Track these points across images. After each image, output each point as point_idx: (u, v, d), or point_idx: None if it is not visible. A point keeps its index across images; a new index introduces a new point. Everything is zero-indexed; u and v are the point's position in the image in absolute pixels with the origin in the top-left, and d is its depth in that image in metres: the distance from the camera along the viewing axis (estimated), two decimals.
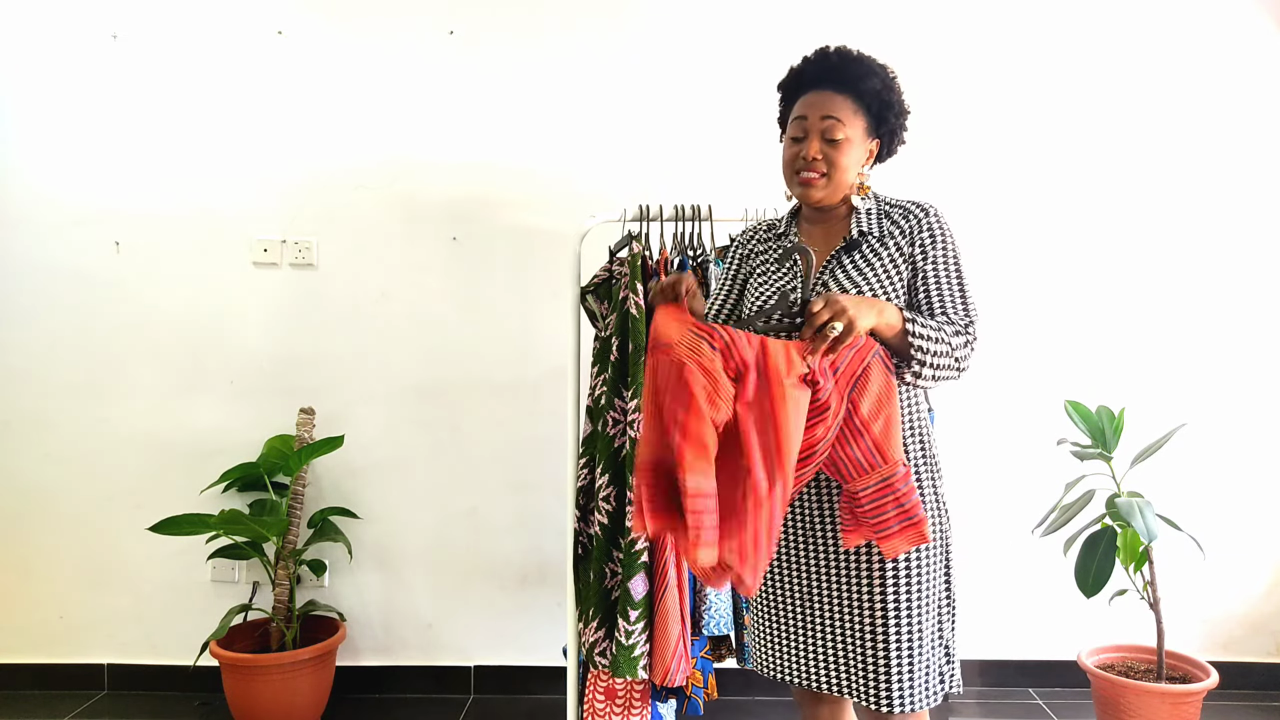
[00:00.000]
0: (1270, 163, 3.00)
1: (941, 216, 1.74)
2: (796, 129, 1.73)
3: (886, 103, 1.74)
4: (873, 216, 1.75)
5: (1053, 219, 3.01)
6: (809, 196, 1.74)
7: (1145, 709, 2.49)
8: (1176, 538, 2.68)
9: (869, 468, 1.55)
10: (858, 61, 1.73)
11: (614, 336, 2.21)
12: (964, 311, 1.69)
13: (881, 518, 1.54)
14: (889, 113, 1.75)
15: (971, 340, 1.67)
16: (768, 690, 2.99)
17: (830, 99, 1.71)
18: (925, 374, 1.63)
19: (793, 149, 1.74)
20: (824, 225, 1.80)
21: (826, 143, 1.70)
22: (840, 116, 1.69)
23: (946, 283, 1.70)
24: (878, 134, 1.77)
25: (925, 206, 1.75)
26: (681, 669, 2.13)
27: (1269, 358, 3.02)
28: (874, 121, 1.75)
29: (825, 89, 1.72)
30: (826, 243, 1.78)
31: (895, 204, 1.77)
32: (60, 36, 2.96)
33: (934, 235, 1.71)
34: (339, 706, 2.92)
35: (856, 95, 1.72)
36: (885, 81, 1.73)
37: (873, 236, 1.73)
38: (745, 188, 2.84)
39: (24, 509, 3.02)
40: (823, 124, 1.69)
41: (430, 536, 3.04)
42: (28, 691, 3.02)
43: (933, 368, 1.62)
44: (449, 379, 3.02)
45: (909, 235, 1.72)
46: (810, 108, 1.72)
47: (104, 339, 3.00)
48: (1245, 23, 2.98)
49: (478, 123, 2.99)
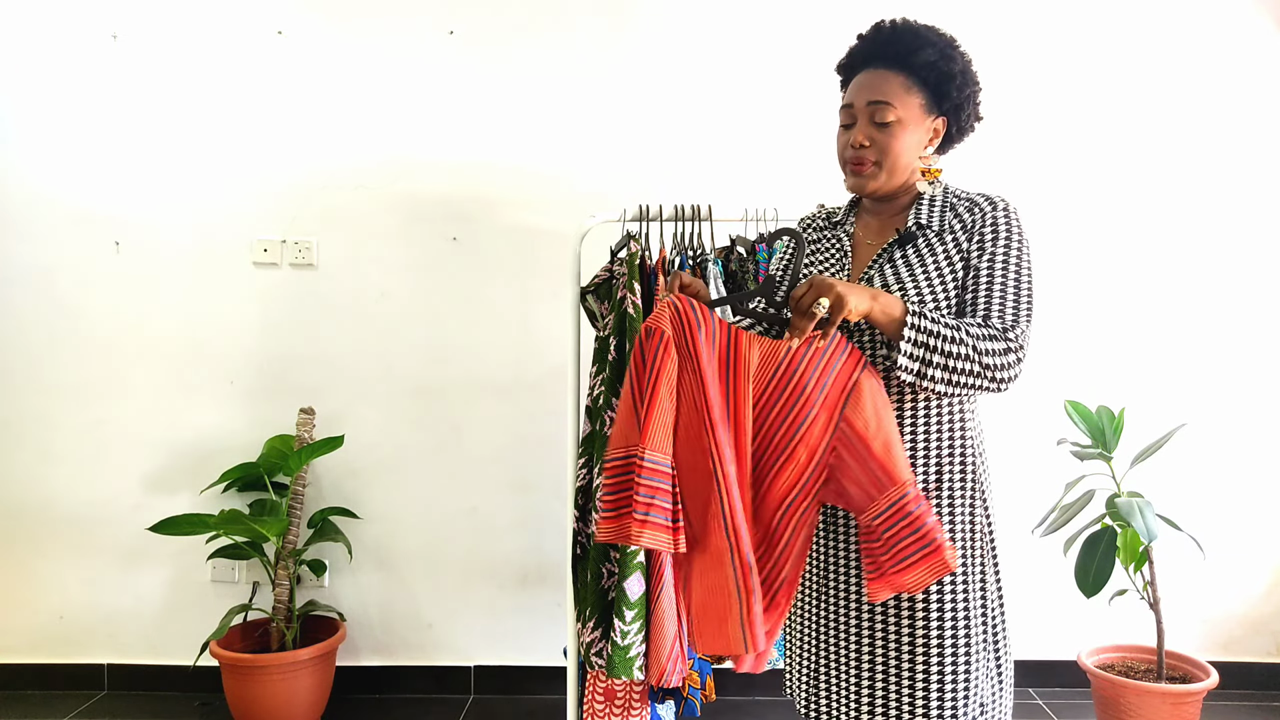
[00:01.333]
0: (1270, 163, 3.00)
1: (1013, 212, 1.56)
2: (845, 115, 1.59)
3: (946, 74, 1.56)
4: (935, 207, 1.59)
5: (1052, 219, 3.01)
6: (862, 187, 1.59)
7: (1145, 709, 2.49)
8: (1176, 538, 2.68)
9: (876, 491, 1.43)
10: (911, 33, 1.57)
11: (612, 336, 2.21)
12: (1011, 316, 1.50)
13: (898, 546, 1.40)
14: (949, 85, 1.57)
15: (1014, 349, 1.47)
16: (768, 691, 2.99)
17: (880, 78, 1.55)
18: (934, 375, 1.44)
19: (842, 137, 1.60)
20: (882, 216, 1.66)
21: (876, 127, 1.55)
22: (888, 98, 1.54)
23: (1000, 282, 1.52)
24: (940, 110, 1.60)
25: (995, 200, 1.58)
26: (677, 670, 2.12)
27: (1269, 358, 3.02)
28: (933, 97, 1.58)
29: (876, 67, 1.57)
30: (881, 235, 1.64)
31: (963, 196, 1.60)
32: (60, 36, 2.96)
33: (996, 230, 1.54)
34: (339, 707, 2.92)
35: (910, 70, 1.55)
36: (943, 51, 1.56)
37: (931, 230, 1.57)
38: (745, 188, 2.85)
39: (24, 509, 3.02)
40: (870, 108, 1.54)
41: (430, 536, 3.04)
42: (28, 691, 3.02)
43: (945, 370, 1.44)
44: (449, 379, 3.02)
45: (969, 230, 1.56)
46: (858, 91, 1.57)
47: (104, 339, 3.00)
48: (1245, 23, 2.98)
49: (478, 123, 2.99)
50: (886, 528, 1.41)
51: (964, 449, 1.56)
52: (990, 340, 1.46)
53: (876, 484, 1.43)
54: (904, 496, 1.41)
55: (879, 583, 1.43)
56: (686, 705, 2.30)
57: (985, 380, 1.47)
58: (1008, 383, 1.49)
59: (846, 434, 1.46)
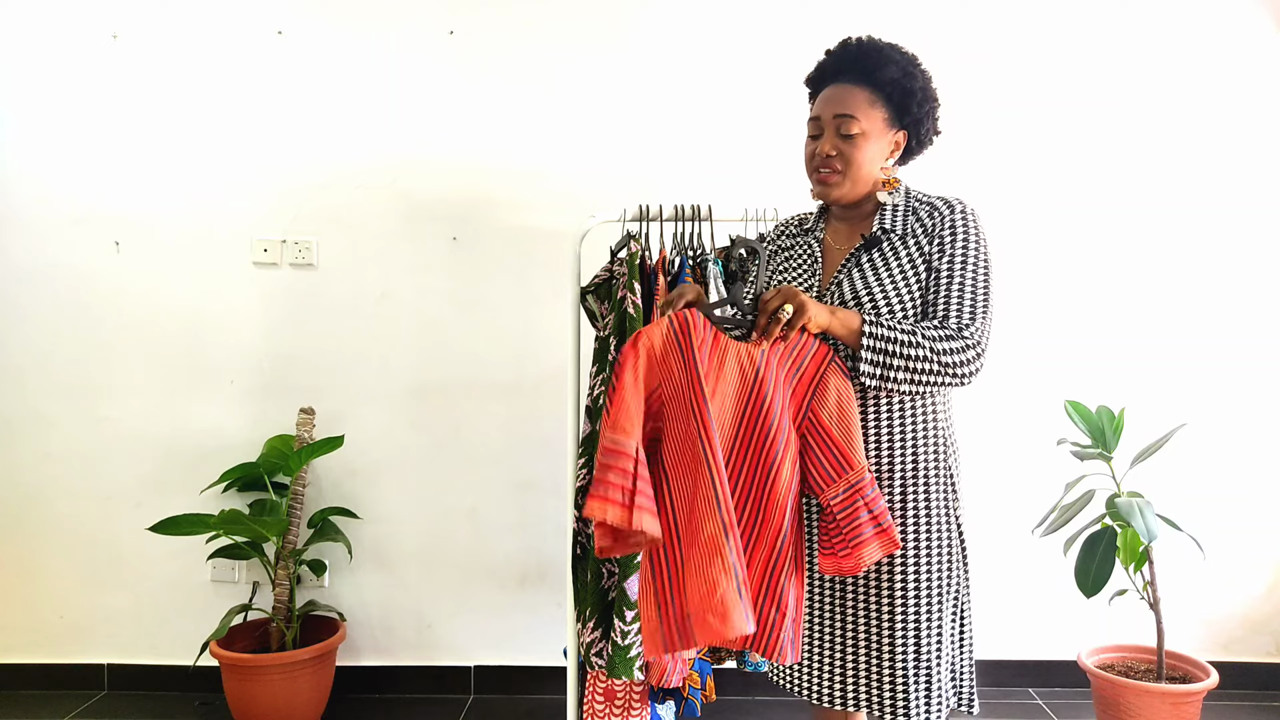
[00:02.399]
0: (1270, 163, 3.00)
1: (970, 214, 1.67)
2: (813, 127, 1.71)
3: (908, 90, 1.68)
4: (898, 213, 1.70)
5: (1052, 220, 3.01)
6: (827, 195, 1.71)
7: (1145, 709, 2.49)
8: (1176, 538, 2.68)
9: (836, 475, 1.59)
10: (876, 50, 1.68)
11: (612, 336, 2.21)
12: (969, 314, 1.61)
13: (855, 524, 1.57)
14: (910, 101, 1.69)
15: (972, 345, 1.58)
16: (767, 691, 2.99)
17: (846, 92, 1.67)
18: (897, 378, 1.57)
19: (810, 147, 1.72)
20: (850, 222, 1.77)
21: (842, 139, 1.66)
22: (854, 111, 1.65)
23: (958, 282, 1.62)
24: (901, 124, 1.72)
25: (953, 202, 1.68)
26: (677, 670, 2.12)
27: (1269, 358, 3.02)
28: (896, 111, 1.69)
29: (843, 81, 1.69)
30: (849, 240, 1.74)
31: (925, 200, 1.71)
32: (60, 36, 2.96)
33: (954, 232, 1.64)
34: (339, 706, 2.92)
35: (874, 86, 1.67)
36: (905, 69, 1.68)
37: (894, 234, 1.68)
38: (745, 188, 2.84)
39: (24, 509, 3.02)
40: (836, 120, 1.66)
41: (430, 536, 3.04)
42: (28, 691, 3.02)
43: (908, 371, 1.56)
44: (449, 379, 3.02)
45: (930, 233, 1.66)
46: (825, 104, 1.69)
47: (104, 339, 3.00)
48: (1244, 23, 2.98)
49: (478, 123, 2.99)
50: (844, 507, 1.58)
51: (937, 438, 1.69)
52: (947, 340, 1.58)
53: (836, 468, 1.59)
54: (861, 480, 1.58)
55: (827, 559, 1.61)
56: (686, 705, 2.30)
57: (948, 377, 1.58)
58: (970, 376, 1.60)
59: (812, 422, 1.61)
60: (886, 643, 1.66)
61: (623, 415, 1.53)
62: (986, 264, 1.65)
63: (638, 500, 1.49)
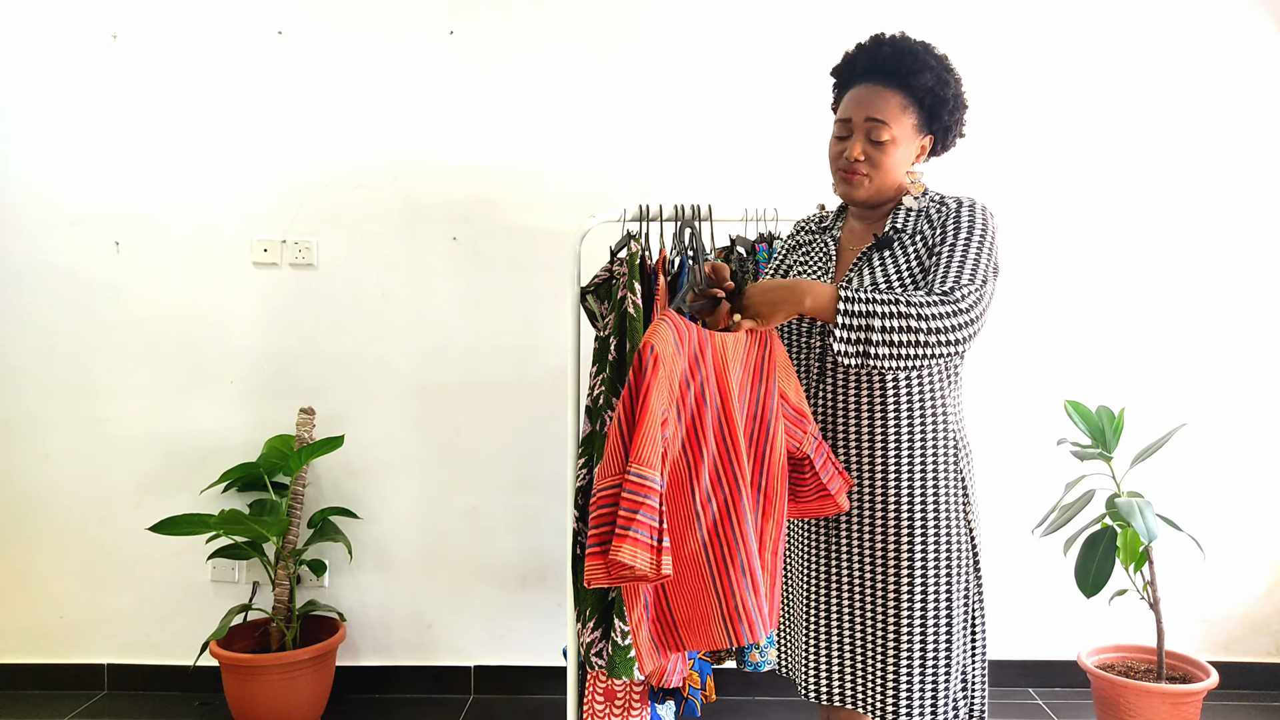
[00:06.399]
0: (1270, 163, 3.00)
1: (979, 208, 1.64)
2: (841, 128, 1.67)
3: (941, 98, 1.65)
4: (911, 214, 1.68)
5: (1052, 219, 3.01)
6: (851, 195, 1.68)
7: (1145, 709, 2.49)
8: (1176, 538, 2.68)
9: (801, 431, 1.65)
10: (912, 54, 1.63)
11: (612, 336, 2.21)
12: (962, 277, 1.53)
13: (828, 474, 1.64)
14: (943, 109, 1.67)
15: (964, 309, 1.49)
16: (767, 690, 2.99)
17: (878, 95, 1.63)
18: (877, 353, 1.47)
19: (837, 147, 1.68)
20: (866, 221, 1.74)
21: (871, 144, 1.63)
22: (886, 117, 1.62)
23: (958, 252, 1.57)
24: (930, 130, 1.69)
25: (964, 199, 1.66)
26: (677, 670, 2.12)
27: (1269, 358, 3.02)
28: (926, 117, 1.67)
29: (875, 82, 1.64)
30: (864, 240, 1.73)
31: (937, 199, 1.69)
32: (60, 36, 2.96)
33: (959, 220, 1.61)
34: (339, 706, 2.92)
35: (908, 91, 1.63)
36: (940, 75, 1.64)
37: (905, 234, 1.66)
38: (745, 188, 2.84)
39: (24, 509, 3.02)
40: (867, 125, 1.63)
41: (430, 536, 3.04)
42: (28, 691, 3.02)
43: (889, 345, 1.46)
44: (449, 379, 3.02)
45: (935, 226, 1.64)
46: (856, 106, 1.64)
47: (104, 339, 3.00)
48: (1244, 22, 2.98)
49: (478, 123, 2.99)
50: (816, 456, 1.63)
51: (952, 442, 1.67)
52: (935, 305, 1.48)
53: (799, 424, 1.65)
54: (817, 431, 1.66)
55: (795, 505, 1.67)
56: (686, 705, 2.30)
57: (936, 346, 1.48)
58: (962, 344, 1.50)
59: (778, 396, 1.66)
60: (892, 646, 1.64)
61: (647, 446, 1.43)
62: (991, 242, 1.60)
63: (664, 543, 1.41)
